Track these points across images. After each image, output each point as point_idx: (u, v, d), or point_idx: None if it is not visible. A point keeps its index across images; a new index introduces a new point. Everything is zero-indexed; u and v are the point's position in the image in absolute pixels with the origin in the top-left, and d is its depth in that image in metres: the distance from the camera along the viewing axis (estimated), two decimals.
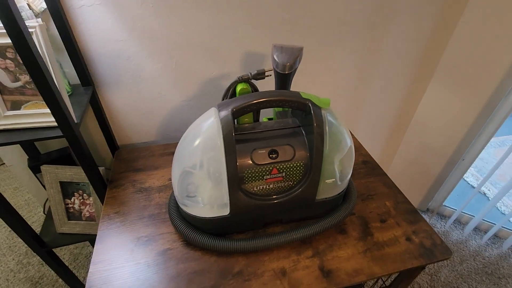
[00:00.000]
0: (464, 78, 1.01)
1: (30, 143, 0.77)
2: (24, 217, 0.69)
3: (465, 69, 0.99)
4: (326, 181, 0.53)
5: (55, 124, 0.54)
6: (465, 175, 1.66)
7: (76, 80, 0.70)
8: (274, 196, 0.53)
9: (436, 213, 1.42)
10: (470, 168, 1.48)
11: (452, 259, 1.22)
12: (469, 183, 1.66)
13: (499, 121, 1.03)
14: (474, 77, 0.99)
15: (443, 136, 1.16)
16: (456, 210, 1.34)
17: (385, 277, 0.70)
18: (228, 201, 0.50)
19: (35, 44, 0.47)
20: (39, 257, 1.11)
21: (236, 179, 0.48)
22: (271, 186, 0.52)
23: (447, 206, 1.39)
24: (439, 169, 1.24)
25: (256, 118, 0.65)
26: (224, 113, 0.47)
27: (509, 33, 0.89)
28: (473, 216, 1.33)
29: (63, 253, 1.15)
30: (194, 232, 0.54)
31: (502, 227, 1.29)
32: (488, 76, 0.97)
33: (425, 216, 1.40)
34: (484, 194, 1.59)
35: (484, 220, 1.33)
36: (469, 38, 0.94)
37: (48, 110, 0.51)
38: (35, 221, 1.27)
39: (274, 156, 0.50)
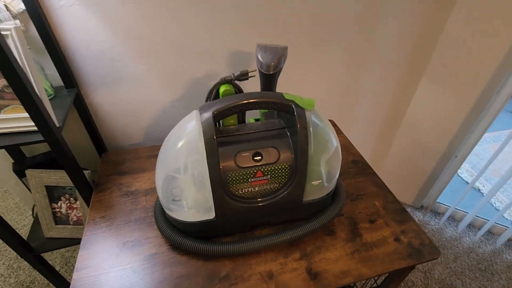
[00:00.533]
0: (455, 75, 1.00)
1: (14, 147, 0.76)
2: (14, 220, 0.68)
3: (456, 65, 0.98)
4: (313, 182, 0.53)
5: (36, 128, 0.52)
6: (459, 171, 1.67)
7: (59, 82, 0.68)
8: (259, 199, 0.52)
9: (430, 210, 1.42)
10: (464, 164, 1.48)
11: (446, 256, 1.22)
12: (463, 179, 1.66)
13: (491, 117, 1.02)
14: (465, 73, 0.99)
15: (436, 133, 1.15)
16: (450, 206, 1.34)
17: (376, 277, 0.70)
18: (213, 205, 0.50)
19: (10, 47, 0.46)
20: None
21: (220, 183, 0.47)
22: (256, 189, 0.51)
23: (441, 203, 1.39)
24: (432, 166, 1.24)
25: (242, 119, 0.64)
26: (205, 115, 0.46)
27: (499, 29, 0.88)
28: (467, 212, 1.33)
29: (54, 256, 1.14)
30: (180, 236, 0.53)
31: (496, 223, 1.30)
32: (479, 72, 0.97)
33: (419, 214, 1.40)
34: (479, 190, 1.60)
35: (478, 216, 1.33)
36: (459, 34, 0.93)
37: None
38: (26, 224, 1.25)
39: (258, 158, 0.49)
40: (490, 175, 1.70)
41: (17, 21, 0.56)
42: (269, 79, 0.57)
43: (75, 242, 0.78)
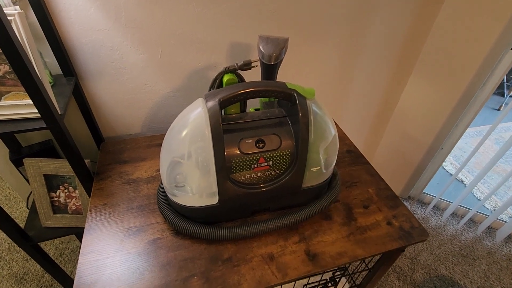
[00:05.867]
0: (442, 71, 1.05)
1: (10, 136, 0.75)
2: None
3: (443, 62, 1.03)
4: (312, 169, 0.55)
5: (38, 115, 0.52)
6: (444, 163, 1.74)
7: (57, 70, 0.68)
8: (261, 185, 0.54)
9: (417, 200, 1.48)
10: (449, 157, 1.54)
11: (431, 243, 1.29)
12: (447, 171, 1.74)
13: (474, 111, 1.08)
14: (452, 69, 1.04)
15: (424, 126, 1.21)
16: (435, 197, 1.41)
17: (368, 260, 0.74)
18: (217, 190, 0.51)
19: (15, 33, 0.46)
20: (22, 253, 1.09)
21: (224, 169, 0.49)
22: (258, 174, 0.53)
23: (427, 193, 1.45)
24: (419, 158, 1.29)
25: (243, 109, 0.65)
26: (211, 103, 0.47)
27: (484, 29, 0.92)
28: (451, 202, 1.40)
29: (48, 248, 1.13)
30: (183, 221, 0.55)
31: (477, 212, 1.37)
32: (465, 69, 1.02)
33: (406, 204, 1.46)
34: (462, 181, 1.68)
35: (461, 205, 1.40)
36: (446, 32, 0.97)
37: (30, 101, 0.50)
38: (17, 217, 1.24)
39: (261, 145, 0.51)
40: (473, 167, 1.79)
41: (17, 7, 0.56)
42: (270, 70, 0.59)
43: (74, 231, 0.78)
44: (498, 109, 2.46)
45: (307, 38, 0.85)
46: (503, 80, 2.53)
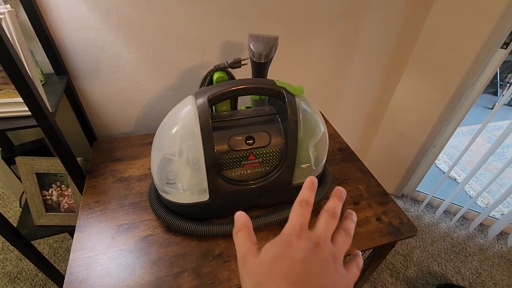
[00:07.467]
0: (434, 70, 1.06)
1: (2, 134, 0.75)
2: None
3: (435, 61, 1.04)
4: (301, 166, 0.56)
5: (29, 113, 0.53)
6: (437, 161, 1.76)
7: (49, 69, 0.68)
8: (252, 181, 0.55)
9: (410, 198, 1.50)
10: (442, 155, 1.55)
11: (424, 240, 1.30)
12: (441, 170, 1.76)
13: (465, 110, 1.09)
14: (443, 68, 1.05)
15: (416, 125, 1.22)
16: (428, 194, 1.42)
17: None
18: (207, 187, 0.52)
19: (5, 31, 0.46)
20: (16, 253, 1.09)
21: (214, 165, 0.50)
22: (248, 171, 0.53)
23: (420, 191, 1.47)
24: (412, 156, 1.31)
25: (234, 106, 0.66)
26: (200, 100, 0.48)
27: (474, 27, 0.94)
28: (444, 200, 1.42)
29: (42, 247, 1.13)
30: (174, 218, 0.55)
31: (469, 209, 1.39)
32: (456, 67, 1.03)
33: (400, 202, 1.48)
34: (455, 179, 1.69)
35: (453, 203, 1.42)
36: (437, 31, 0.98)
37: (21, 99, 0.50)
38: (10, 216, 1.23)
39: (250, 142, 0.52)
40: (466, 165, 1.81)
41: (8, 6, 0.56)
42: (260, 68, 0.59)
43: (66, 229, 0.78)
44: (491, 108, 2.49)
45: (300, 36, 0.86)
46: (497, 79, 2.56)
